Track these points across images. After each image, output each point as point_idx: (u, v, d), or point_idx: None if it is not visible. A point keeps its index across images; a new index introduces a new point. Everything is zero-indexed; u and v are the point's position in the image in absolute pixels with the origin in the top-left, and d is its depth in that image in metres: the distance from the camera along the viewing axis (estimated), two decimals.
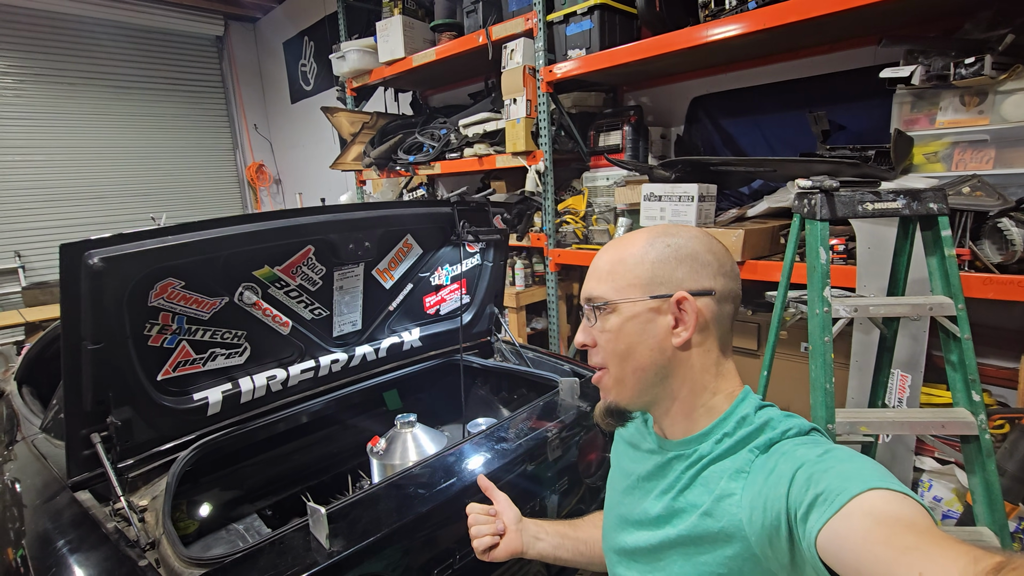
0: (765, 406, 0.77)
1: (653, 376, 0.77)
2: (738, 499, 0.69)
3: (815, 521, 0.56)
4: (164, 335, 1.18)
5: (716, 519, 0.70)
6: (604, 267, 0.80)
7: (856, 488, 0.55)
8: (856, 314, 1.24)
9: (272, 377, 1.40)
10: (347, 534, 0.95)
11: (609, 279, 0.79)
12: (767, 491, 0.65)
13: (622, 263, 0.79)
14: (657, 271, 0.76)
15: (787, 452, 0.67)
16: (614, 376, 0.79)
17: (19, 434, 1.63)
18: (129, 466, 1.20)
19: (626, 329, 0.76)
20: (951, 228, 1.73)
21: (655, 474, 0.82)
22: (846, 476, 0.58)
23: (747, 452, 0.71)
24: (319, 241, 1.36)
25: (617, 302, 0.77)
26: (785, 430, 0.71)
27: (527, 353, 1.91)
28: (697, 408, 0.77)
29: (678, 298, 0.75)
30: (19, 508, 1.21)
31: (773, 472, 0.66)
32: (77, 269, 0.97)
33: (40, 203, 5.67)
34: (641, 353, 0.76)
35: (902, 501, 0.54)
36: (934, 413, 1.27)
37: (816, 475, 0.60)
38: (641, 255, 0.78)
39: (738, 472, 0.70)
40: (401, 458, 1.37)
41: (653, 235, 0.79)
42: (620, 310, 0.77)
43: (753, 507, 0.66)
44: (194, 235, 1.10)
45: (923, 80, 1.93)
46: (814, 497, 0.58)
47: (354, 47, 3.78)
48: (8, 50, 5.38)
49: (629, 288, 0.77)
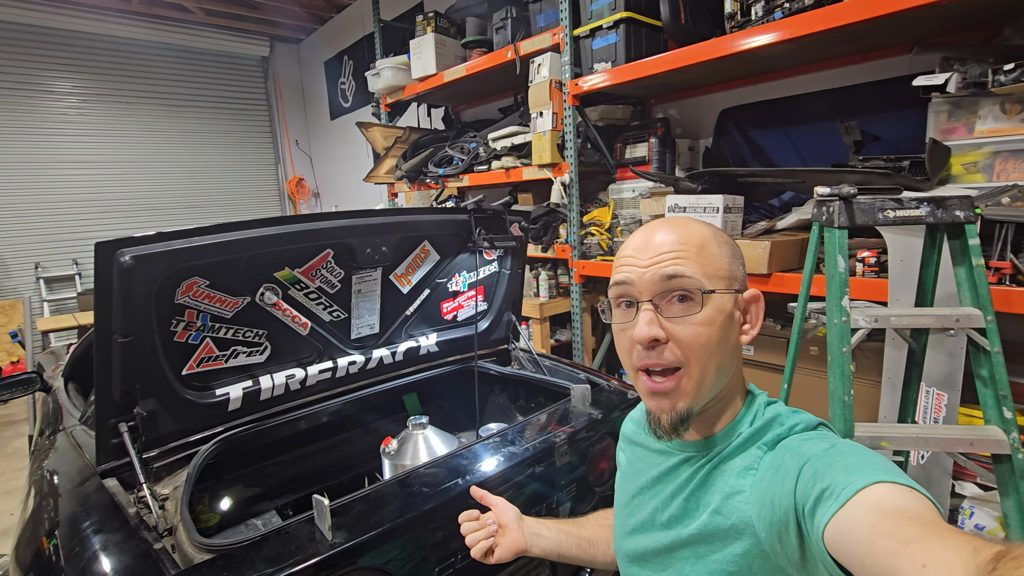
0: (772, 403, 0.76)
1: (723, 375, 0.73)
2: (747, 496, 0.68)
3: (822, 515, 0.56)
4: (189, 332, 1.24)
5: (726, 517, 0.70)
6: (688, 249, 0.71)
7: (862, 481, 0.55)
8: (876, 324, 1.20)
9: (291, 376, 1.45)
10: (350, 527, 0.97)
11: (699, 263, 0.71)
12: (775, 487, 0.64)
13: (706, 249, 0.72)
14: (732, 265, 0.74)
15: (793, 447, 0.67)
16: (696, 377, 0.70)
17: (61, 425, 1.73)
18: (153, 456, 1.26)
19: (719, 322, 0.70)
20: (992, 241, 1.66)
21: (666, 475, 0.80)
22: (852, 469, 0.57)
23: (755, 449, 0.71)
24: (337, 245, 1.41)
25: (713, 292, 0.70)
26: (792, 425, 0.71)
27: (544, 361, 1.91)
28: (726, 409, 0.76)
29: (755, 296, 0.74)
30: (55, 498, 1.28)
31: (780, 468, 0.65)
32: (109, 266, 1.04)
33: (97, 214, 6.04)
34: (724, 350, 0.71)
35: (908, 494, 0.54)
36: (963, 430, 1.21)
37: (822, 469, 0.60)
38: (717, 244, 0.73)
39: (747, 469, 0.70)
40: (412, 459, 1.39)
41: (704, 225, 0.75)
42: (712, 301, 0.70)
43: (762, 503, 0.66)
44: (218, 236, 1.16)
45: (959, 88, 1.87)
46: (820, 491, 0.57)
47: (388, 64, 3.91)
48: (72, 72, 5.79)
49: (718, 277, 0.71)
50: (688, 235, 0.72)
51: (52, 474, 1.40)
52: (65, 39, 5.68)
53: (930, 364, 1.63)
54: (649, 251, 0.72)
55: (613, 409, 1.46)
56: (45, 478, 1.41)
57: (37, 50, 5.58)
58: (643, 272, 0.71)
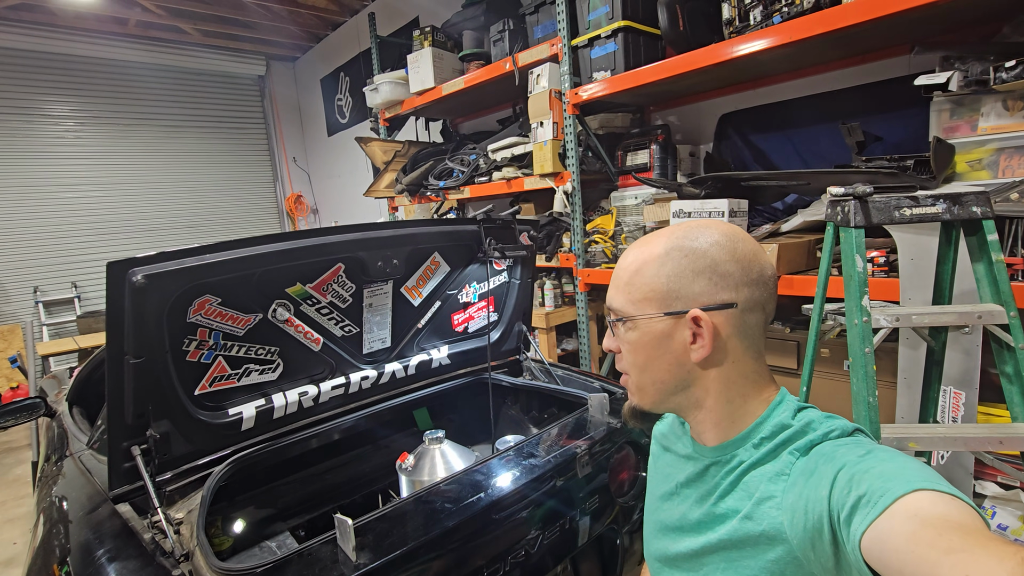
0: (804, 407, 0.74)
1: (673, 387, 0.77)
2: (778, 502, 0.67)
3: (859, 524, 0.55)
4: (201, 350, 1.22)
5: (757, 523, 0.69)
6: (623, 276, 0.79)
7: (900, 489, 0.53)
8: (898, 324, 1.19)
9: (304, 393, 1.43)
10: (374, 547, 0.95)
11: (627, 291, 0.77)
12: (808, 493, 0.63)
13: (639, 274, 0.77)
14: (672, 285, 0.74)
15: (827, 453, 0.65)
16: (634, 382, 0.80)
17: (68, 451, 1.70)
18: (167, 480, 1.23)
19: (643, 343, 0.76)
20: (1002, 236, 1.66)
21: (694, 480, 0.81)
22: (889, 476, 0.56)
23: (787, 455, 0.70)
24: (349, 259, 1.39)
25: (634, 317, 0.76)
26: (827, 431, 0.69)
27: (556, 371, 1.89)
28: (728, 416, 0.76)
29: (693, 316, 0.72)
30: (65, 525, 1.25)
31: (814, 474, 0.64)
32: (121, 286, 1.03)
33: (95, 236, 6.02)
34: (659, 367, 0.76)
35: (949, 502, 0.52)
36: (990, 429, 1.19)
37: (858, 476, 0.58)
38: (658, 267, 0.75)
39: (778, 475, 0.69)
40: (429, 474, 1.36)
41: (672, 242, 0.76)
42: (637, 325, 0.76)
43: (794, 510, 0.64)
44: (230, 253, 1.15)
45: (961, 86, 1.88)
46: (857, 499, 0.56)
47: (386, 79, 3.93)
48: (69, 95, 5.81)
49: (645, 302, 0.75)
50: (628, 263, 0.79)
51: (61, 501, 1.37)
52: (62, 63, 5.70)
53: (947, 363, 1.61)
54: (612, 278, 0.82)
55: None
56: (54, 505, 1.38)
57: (34, 74, 5.60)
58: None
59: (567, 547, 1.22)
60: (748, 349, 0.75)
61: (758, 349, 0.77)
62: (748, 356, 0.75)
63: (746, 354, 0.75)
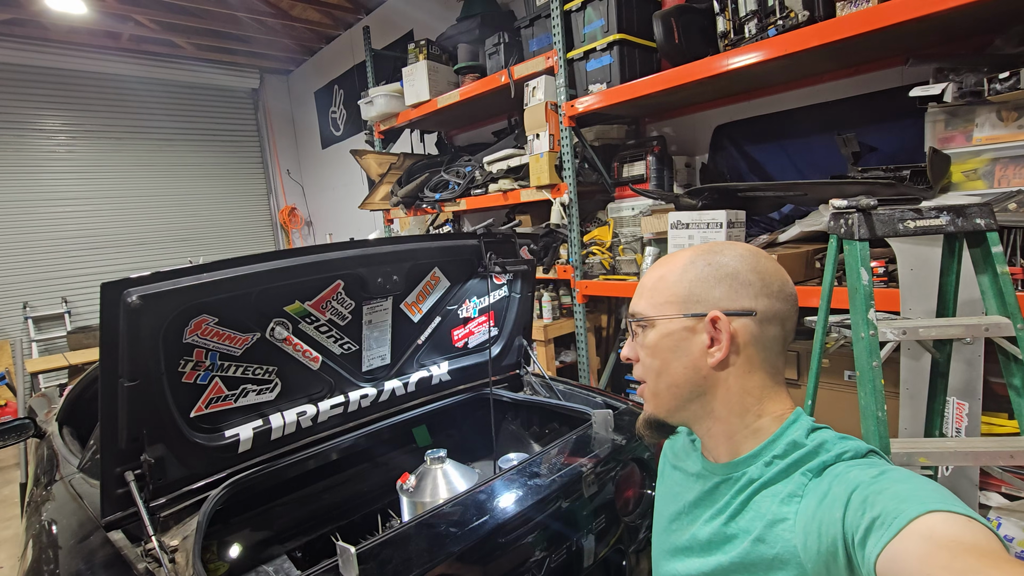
0: (818, 428, 0.74)
1: (688, 393, 0.77)
2: (791, 524, 0.67)
3: (873, 546, 0.54)
4: (197, 371, 1.19)
5: (770, 545, 0.68)
6: (648, 284, 0.81)
7: (915, 510, 0.53)
8: (905, 337, 1.18)
9: (302, 413, 1.39)
10: (378, 575, 0.92)
11: (649, 296, 0.80)
12: (821, 515, 0.63)
13: (662, 280, 0.79)
14: (694, 289, 0.76)
15: (840, 474, 0.65)
16: (650, 389, 0.80)
17: (58, 474, 1.65)
18: (161, 505, 1.19)
19: (661, 345, 0.77)
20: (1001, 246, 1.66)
21: (703, 499, 0.80)
22: (903, 498, 0.56)
23: (800, 475, 0.69)
24: (348, 276, 1.37)
25: (653, 318, 0.78)
26: (840, 452, 0.68)
27: (557, 386, 1.87)
28: (740, 430, 0.75)
29: (711, 317, 0.74)
30: (55, 550, 1.21)
31: (827, 496, 0.64)
32: (116, 307, 1.00)
33: (86, 251, 5.96)
34: (675, 369, 0.76)
35: (965, 524, 0.52)
36: (1000, 443, 1.18)
37: (871, 497, 0.58)
38: (680, 273, 0.78)
39: (791, 496, 0.68)
40: (431, 495, 1.33)
41: (697, 253, 0.79)
42: (656, 326, 0.78)
43: (808, 532, 0.64)
44: (227, 272, 1.12)
45: (956, 97, 1.89)
46: (871, 521, 0.56)
47: (381, 92, 3.93)
48: (61, 109, 5.77)
49: (666, 305, 0.77)
50: (653, 273, 0.82)
51: (51, 525, 1.33)
52: (54, 77, 5.67)
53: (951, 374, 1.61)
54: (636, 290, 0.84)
55: (636, 434, 1.42)
56: (44, 530, 1.33)
57: (26, 88, 5.56)
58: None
59: (573, 569, 1.20)
60: (764, 362, 0.75)
61: (775, 365, 0.76)
62: (764, 369, 0.75)
63: (762, 367, 0.75)
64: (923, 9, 1.70)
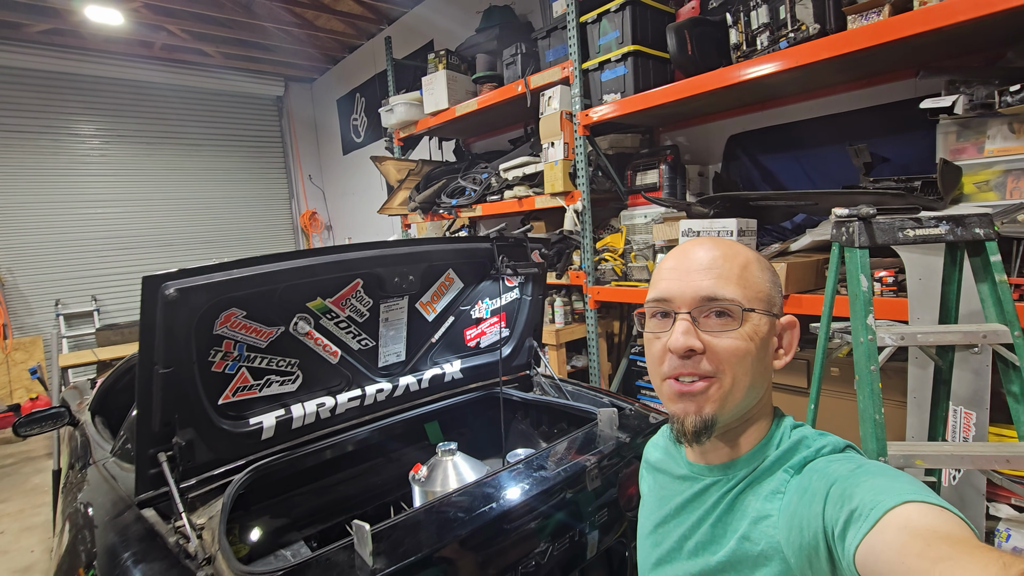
0: (798, 426, 0.77)
1: (753, 393, 0.74)
2: (775, 520, 0.68)
3: (852, 538, 0.56)
4: (226, 361, 1.27)
5: (754, 543, 0.69)
6: (731, 268, 0.73)
7: (890, 501, 0.55)
8: (903, 342, 1.21)
9: (321, 404, 1.47)
10: (390, 553, 0.98)
11: (740, 283, 0.73)
12: (802, 510, 0.64)
13: (748, 271, 0.74)
14: (772, 291, 0.76)
15: (820, 469, 0.67)
16: (727, 387, 0.72)
17: (91, 459, 1.75)
18: (189, 486, 1.27)
19: (754, 340, 0.72)
20: (1010, 257, 1.68)
21: (691, 501, 0.80)
22: (879, 490, 0.58)
23: (782, 473, 0.71)
24: (367, 275, 1.44)
25: (752, 311, 0.72)
26: (819, 448, 0.71)
27: (566, 387, 1.92)
28: (749, 431, 0.76)
29: (791, 322, 0.76)
30: (91, 530, 1.29)
31: (808, 491, 0.65)
32: (155, 298, 1.08)
33: (116, 251, 6.17)
34: (756, 368, 0.73)
35: (939, 514, 0.54)
36: (997, 448, 1.20)
37: (849, 490, 0.60)
38: (759, 269, 0.76)
39: (774, 493, 0.70)
40: (442, 485, 1.39)
41: (749, 249, 0.78)
42: (750, 320, 0.72)
43: (790, 528, 0.66)
44: (256, 269, 1.20)
45: (967, 109, 1.91)
46: (849, 514, 0.58)
47: (401, 100, 4.03)
48: (96, 115, 6.01)
49: (757, 299, 0.73)
50: (732, 255, 0.74)
51: (86, 507, 1.42)
52: (90, 84, 5.91)
53: (956, 383, 1.62)
54: (690, 266, 0.74)
55: (640, 432, 1.46)
56: (79, 512, 1.42)
57: (64, 95, 5.80)
58: (683, 286, 0.73)
59: (577, 559, 1.24)
60: None
61: None
62: None
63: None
64: (933, 23, 1.73)
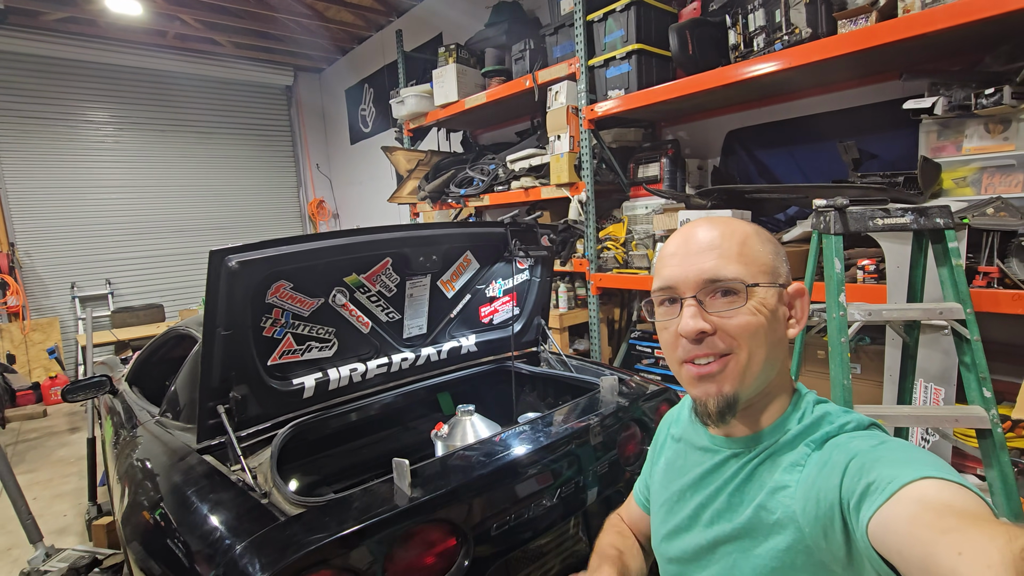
0: (821, 401, 0.77)
1: (770, 366, 0.74)
2: (792, 491, 0.69)
3: (867, 510, 0.57)
4: (275, 327, 1.44)
5: (770, 511, 0.71)
6: (730, 246, 0.74)
7: (908, 476, 0.55)
8: (870, 318, 1.38)
9: (354, 369, 1.64)
10: (424, 485, 1.16)
11: (740, 260, 0.73)
12: (820, 482, 0.65)
13: (747, 246, 0.74)
14: (775, 261, 0.75)
15: (841, 444, 0.68)
16: (743, 362, 0.72)
17: (137, 422, 1.92)
18: (241, 438, 1.44)
19: (763, 313, 0.72)
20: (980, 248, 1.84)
21: (711, 472, 0.81)
22: (899, 464, 0.58)
23: (803, 447, 0.72)
24: (396, 254, 1.61)
25: (756, 285, 0.72)
26: (843, 424, 0.71)
27: (571, 362, 2.09)
28: (771, 404, 0.77)
29: (800, 291, 0.75)
30: (152, 479, 1.46)
31: (827, 464, 0.66)
32: (219, 269, 1.25)
33: (129, 236, 6.32)
34: (770, 341, 0.73)
35: (956, 490, 0.53)
36: (950, 410, 1.37)
37: (868, 464, 0.60)
38: (760, 242, 0.76)
39: (793, 465, 0.71)
40: (461, 440, 1.57)
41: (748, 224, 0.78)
42: (756, 294, 0.72)
43: (807, 498, 0.66)
44: (304, 245, 1.37)
45: (946, 110, 2.05)
46: (866, 486, 0.58)
47: (412, 93, 4.17)
48: (110, 102, 6.14)
49: (761, 273, 0.73)
50: (730, 232, 0.75)
51: (143, 461, 1.59)
52: (105, 72, 6.04)
53: (927, 361, 1.79)
54: (691, 249, 0.75)
55: (638, 398, 1.64)
56: (136, 467, 1.60)
57: (79, 82, 5.93)
58: (685, 271, 0.74)
59: (580, 503, 1.42)
60: None
61: None
62: None
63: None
64: (916, 30, 1.87)
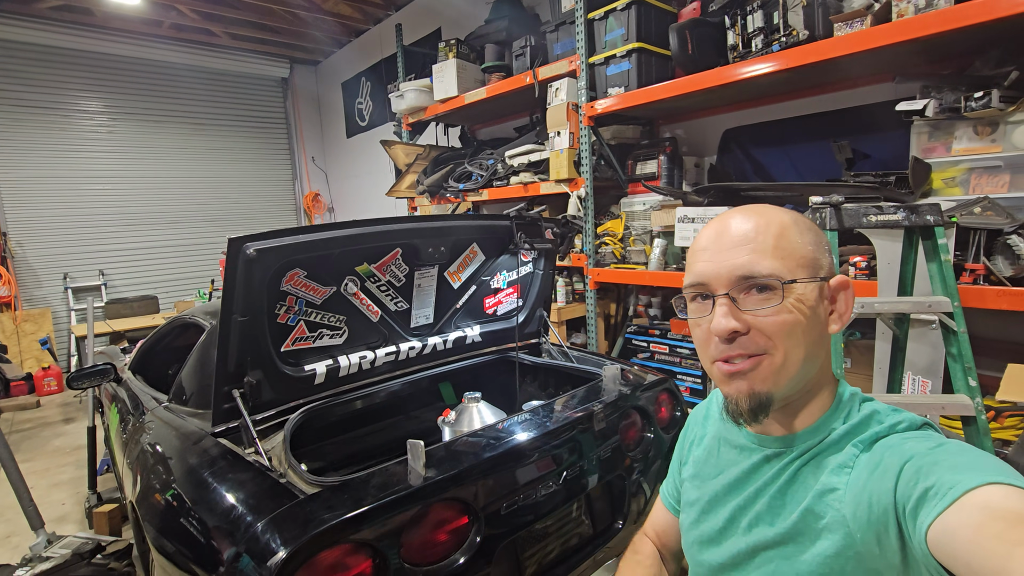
0: (868, 399, 0.73)
1: (809, 365, 0.70)
2: (841, 494, 0.65)
3: (925, 516, 0.53)
4: (288, 314, 1.47)
5: (818, 516, 0.67)
6: (765, 240, 0.69)
7: (972, 481, 0.52)
8: (863, 310, 1.44)
9: (363, 357, 1.68)
10: (437, 466, 1.20)
11: (776, 254, 0.68)
12: (872, 486, 0.61)
13: (784, 238, 0.69)
14: (816, 253, 0.70)
15: (894, 445, 0.64)
16: (779, 362, 0.68)
17: (144, 409, 1.95)
18: (255, 421, 1.48)
19: (801, 311, 0.67)
20: (967, 245, 1.91)
21: (750, 473, 0.77)
22: (960, 469, 0.55)
23: (851, 447, 0.68)
24: (405, 245, 1.65)
25: (794, 282, 0.68)
26: (893, 424, 0.68)
27: (572, 353, 2.14)
28: (812, 402, 0.73)
29: (843, 283, 0.71)
30: (164, 463, 1.49)
31: (879, 467, 0.62)
32: (237, 256, 1.28)
33: (122, 227, 6.29)
34: (809, 340, 0.68)
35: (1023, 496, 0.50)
36: (936, 398, 1.44)
37: (926, 468, 0.57)
38: (798, 233, 0.70)
39: (840, 467, 0.67)
40: (468, 426, 1.61)
41: (787, 212, 0.72)
42: (794, 291, 0.68)
43: (857, 503, 0.63)
44: (318, 235, 1.40)
45: (936, 112, 2.12)
46: (924, 491, 0.54)
47: (412, 87, 4.19)
48: (103, 92, 6.09)
49: (800, 267, 0.69)
50: (765, 224, 0.70)
51: (154, 446, 1.62)
52: (99, 61, 5.99)
53: (916, 354, 1.86)
54: (723, 243, 0.71)
55: (639, 387, 1.70)
56: (147, 452, 1.63)
57: (73, 71, 5.88)
58: (718, 267, 0.70)
59: (584, 485, 1.47)
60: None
61: None
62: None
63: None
64: (908, 34, 1.94)
